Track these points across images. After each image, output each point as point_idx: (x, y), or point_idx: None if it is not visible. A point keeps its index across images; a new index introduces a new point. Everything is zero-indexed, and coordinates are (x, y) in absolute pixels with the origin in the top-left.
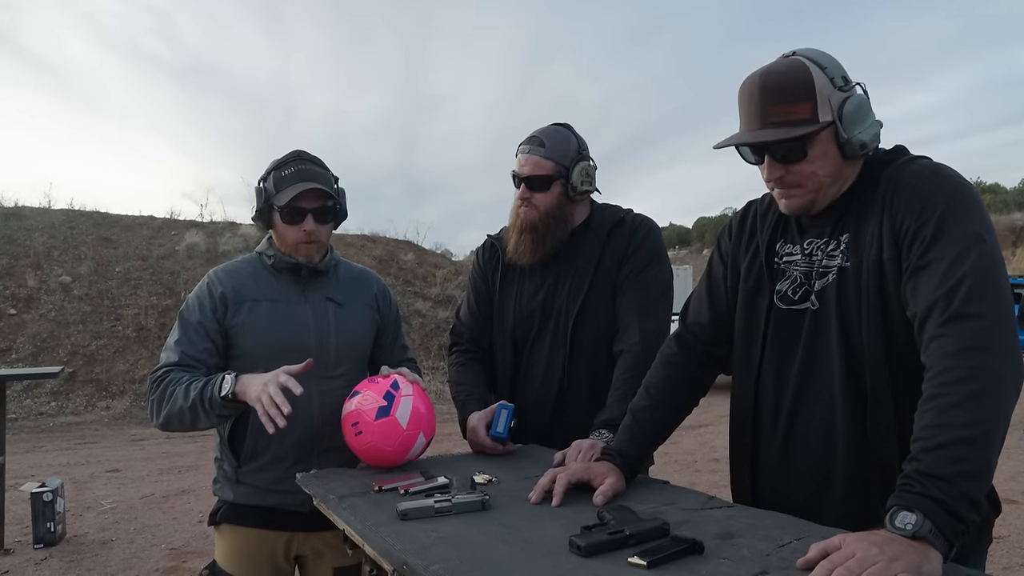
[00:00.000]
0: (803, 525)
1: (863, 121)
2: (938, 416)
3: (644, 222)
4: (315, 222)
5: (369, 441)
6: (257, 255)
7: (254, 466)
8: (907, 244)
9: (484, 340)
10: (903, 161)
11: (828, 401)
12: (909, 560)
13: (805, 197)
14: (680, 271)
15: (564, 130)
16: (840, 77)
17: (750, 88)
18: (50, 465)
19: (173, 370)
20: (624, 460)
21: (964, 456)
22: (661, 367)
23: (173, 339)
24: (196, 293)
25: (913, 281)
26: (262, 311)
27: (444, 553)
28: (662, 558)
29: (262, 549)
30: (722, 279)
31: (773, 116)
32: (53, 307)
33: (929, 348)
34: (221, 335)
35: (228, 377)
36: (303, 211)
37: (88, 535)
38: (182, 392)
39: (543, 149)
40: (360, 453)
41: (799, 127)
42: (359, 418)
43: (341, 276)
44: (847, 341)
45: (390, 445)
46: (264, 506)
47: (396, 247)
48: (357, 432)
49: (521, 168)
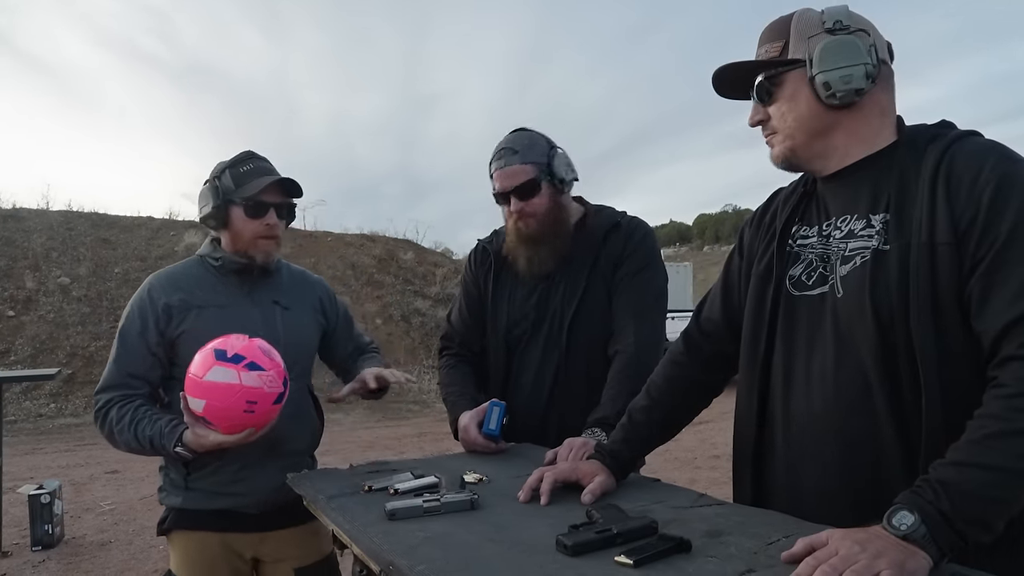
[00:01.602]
0: (792, 523)
1: (837, 62)
2: (994, 439)
3: (640, 226)
4: (277, 216)
5: (253, 421)
6: (199, 258)
7: (203, 472)
8: (975, 234)
9: (475, 344)
10: (956, 135)
11: (857, 400)
12: (892, 557)
13: (783, 143)
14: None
15: (526, 131)
16: (836, 21)
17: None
18: (49, 467)
19: (112, 401)
20: (614, 460)
21: (1002, 485)
22: (665, 367)
23: (112, 356)
24: (137, 304)
25: (983, 282)
26: (209, 317)
27: (431, 553)
28: (649, 557)
29: (215, 552)
30: (738, 272)
31: (759, 56)
32: (52, 309)
33: (1008, 367)
34: (164, 347)
35: (180, 442)
36: (266, 205)
37: (86, 537)
38: (132, 437)
39: (517, 156)
40: (234, 423)
41: (767, 65)
42: (259, 398)
43: (285, 278)
44: (885, 334)
45: (260, 425)
46: (214, 509)
47: (396, 246)
48: (248, 410)
49: (504, 184)
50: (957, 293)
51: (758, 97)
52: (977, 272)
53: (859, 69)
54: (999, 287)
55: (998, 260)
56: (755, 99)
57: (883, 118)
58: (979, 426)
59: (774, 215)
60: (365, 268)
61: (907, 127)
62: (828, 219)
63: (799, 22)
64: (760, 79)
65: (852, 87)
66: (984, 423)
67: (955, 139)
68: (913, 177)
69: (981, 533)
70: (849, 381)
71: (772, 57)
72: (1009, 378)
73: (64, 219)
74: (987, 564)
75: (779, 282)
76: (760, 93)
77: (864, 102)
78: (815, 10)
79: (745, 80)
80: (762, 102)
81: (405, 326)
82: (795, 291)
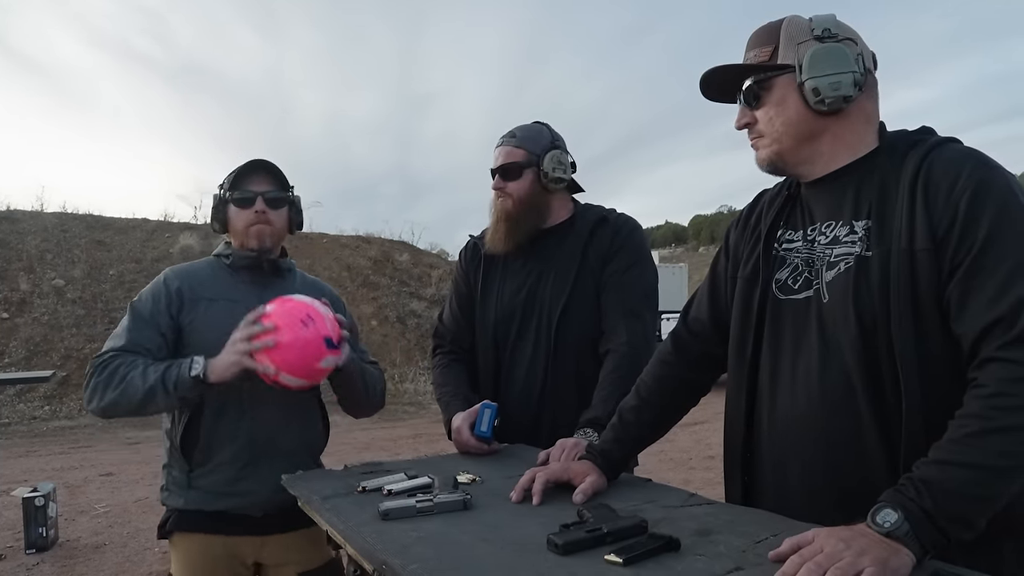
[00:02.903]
0: (780, 521)
1: (827, 69)
2: (975, 437)
3: (627, 222)
4: (265, 204)
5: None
6: (215, 257)
7: (206, 469)
8: (953, 240)
9: (467, 342)
10: (935, 142)
11: (841, 401)
12: (876, 554)
13: (770, 147)
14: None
15: (538, 125)
16: (825, 29)
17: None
18: (43, 469)
19: (121, 354)
20: (605, 460)
21: (983, 483)
22: (654, 367)
23: (123, 327)
24: (151, 288)
25: (962, 286)
26: (218, 310)
27: (423, 552)
28: (638, 555)
29: (217, 555)
30: (724, 273)
31: (748, 60)
32: (46, 311)
33: (987, 368)
34: (173, 330)
35: (198, 359)
36: (254, 194)
37: (81, 540)
38: (139, 374)
39: (515, 139)
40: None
41: (756, 69)
42: (317, 316)
43: (298, 282)
44: (868, 338)
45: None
46: (215, 510)
47: (391, 248)
48: (306, 324)
49: (495, 161)
50: (936, 297)
51: (746, 101)
52: (956, 277)
53: (847, 77)
54: (977, 291)
55: (975, 265)
56: (742, 102)
57: (867, 125)
58: (960, 425)
59: (759, 218)
60: (360, 270)
61: (888, 133)
62: (813, 224)
63: (789, 28)
64: (749, 83)
65: (840, 94)
66: (965, 422)
67: (934, 146)
68: (893, 184)
69: (963, 530)
70: (833, 383)
71: (761, 61)
72: (988, 379)
73: (59, 221)
74: (969, 561)
75: (765, 286)
76: (748, 96)
77: (851, 109)
78: (803, 17)
79: (733, 83)
80: (749, 106)
81: (401, 328)
82: (781, 295)
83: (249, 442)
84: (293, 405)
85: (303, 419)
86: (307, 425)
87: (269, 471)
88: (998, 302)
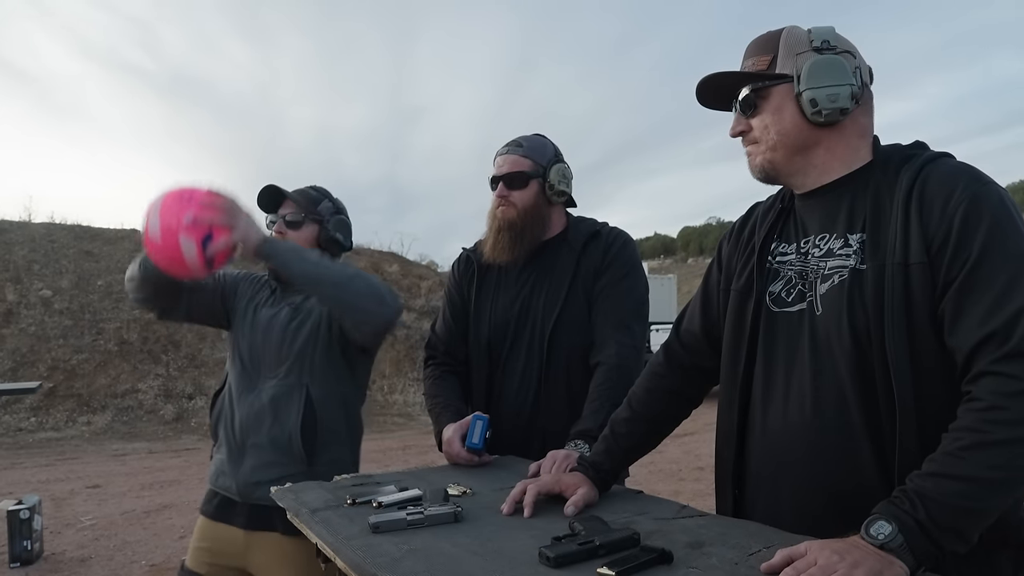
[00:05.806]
0: (773, 533)
1: (825, 80)
2: (969, 450)
3: (619, 235)
4: (283, 226)
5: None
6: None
7: (216, 447)
8: (947, 254)
9: (459, 353)
10: (928, 157)
11: (834, 414)
12: (870, 566)
13: (763, 155)
14: (665, 280)
15: (541, 137)
16: (824, 41)
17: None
18: (29, 482)
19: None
20: (597, 472)
21: (977, 496)
22: (646, 379)
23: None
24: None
25: (956, 300)
26: (250, 315)
27: (414, 566)
28: (631, 568)
29: (214, 539)
30: (716, 285)
31: (746, 69)
32: (33, 321)
33: (981, 381)
34: (220, 298)
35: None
36: (271, 221)
37: (66, 553)
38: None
39: (521, 149)
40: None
41: (754, 77)
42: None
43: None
44: (862, 351)
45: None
46: (209, 489)
47: (380, 259)
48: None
49: (499, 169)
50: (930, 311)
51: (742, 108)
52: (950, 291)
53: (845, 89)
54: (971, 305)
55: (970, 279)
56: (738, 110)
57: (862, 139)
58: (955, 438)
59: (752, 230)
60: None
61: (882, 147)
62: (806, 236)
63: (788, 38)
64: (746, 91)
65: (838, 106)
66: (959, 435)
67: (928, 160)
68: (887, 198)
69: (956, 543)
70: (827, 396)
71: (760, 70)
72: (983, 392)
73: (46, 231)
74: (962, 573)
75: (759, 298)
76: (744, 105)
77: (847, 122)
78: (802, 28)
79: (729, 91)
80: (745, 114)
81: (390, 338)
82: (775, 307)
83: (238, 428)
84: (272, 400)
85: (278, 413)
86: (282, 419)
87: (247, 457)
88: (992, 316)
